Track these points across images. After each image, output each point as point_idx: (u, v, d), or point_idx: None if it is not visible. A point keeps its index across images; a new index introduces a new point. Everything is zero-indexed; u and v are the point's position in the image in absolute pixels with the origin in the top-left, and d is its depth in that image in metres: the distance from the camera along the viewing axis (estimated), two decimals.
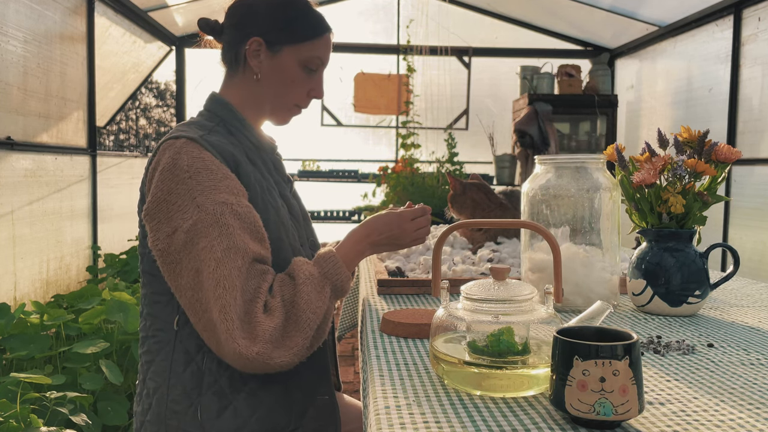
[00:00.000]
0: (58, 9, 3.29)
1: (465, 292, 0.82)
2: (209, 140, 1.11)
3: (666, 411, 0.73)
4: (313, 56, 1.23)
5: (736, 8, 3.43)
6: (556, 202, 1.22)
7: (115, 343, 2.30)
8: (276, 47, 1.21)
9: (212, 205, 1.02)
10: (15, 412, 1.67)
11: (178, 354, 1.11)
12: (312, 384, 1.18)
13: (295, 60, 1.22)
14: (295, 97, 1.26)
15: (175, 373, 1.11)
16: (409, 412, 0.73)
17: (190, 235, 1.02)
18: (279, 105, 1.26)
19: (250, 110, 1.25)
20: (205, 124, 1.19)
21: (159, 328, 1.14)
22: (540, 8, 4.94)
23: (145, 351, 1.17)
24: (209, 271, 1.00)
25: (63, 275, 3.37)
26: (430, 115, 5.22)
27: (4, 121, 2.81)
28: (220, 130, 1.19)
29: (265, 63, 1.22)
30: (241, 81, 1.24)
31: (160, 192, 1.05)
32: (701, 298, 1.18)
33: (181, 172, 1.05)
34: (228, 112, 1.23)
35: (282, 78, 1.23)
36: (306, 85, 1.25)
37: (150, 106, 17.83)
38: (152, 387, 1.13)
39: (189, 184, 1.04)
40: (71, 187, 3.47)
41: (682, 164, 1.18)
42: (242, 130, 1.22)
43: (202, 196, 1.03)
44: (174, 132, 1.13)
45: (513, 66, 5.11)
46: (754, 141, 3.30)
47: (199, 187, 1.04)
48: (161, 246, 1.04)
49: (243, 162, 1.14)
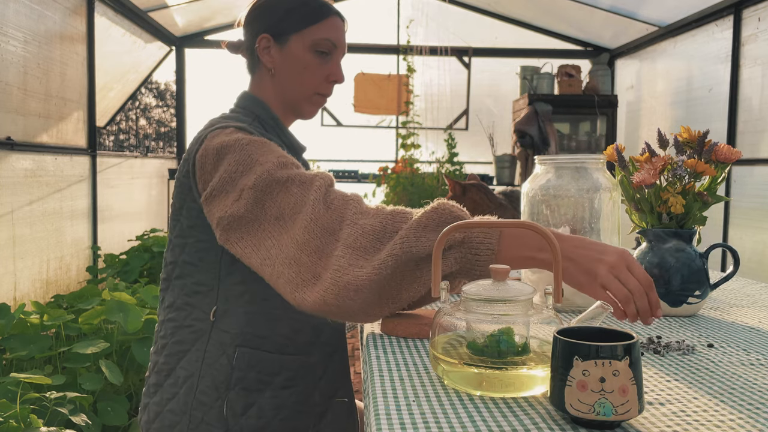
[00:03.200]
0: (58, 9, 3.29)
1: (465, 292, 0.82)
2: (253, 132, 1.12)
3: (666, 411, 0.73)
4: (321, 39, 1.23)
5: (736, 8, 3.43)
6: (556, 202, 1.22)
7: (114, 344, 2.30)
8: (283, 38, 1.22)
9: (273, 158, 1.02)
10: (15, 412, 1.67)
11: (213, 345, 1.11)
12: (332, 386, 1.19)
13: (304, 46, 1.22)
14: (313, 84, 1.24)
15: (207, 364, 1.11)
16: (409, 412, 0.73)
17: (257, 190, 0.99)
18: (298, 96, 1.25)
19: (277, 110, 1.26)
20: (243, 119, 1.20)
21: (196, 318, 1.14)
22: (540, 8, 4.95)
23: (178, 341, 1.15)
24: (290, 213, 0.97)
25: (63, 275, 3.37)
26: (430, 115, 5.22)
27: (4, 121, 2.81)
28: (257, 126, 1.20)
29: (276, 57, 1.23)
30: (262, 81, 1.25)
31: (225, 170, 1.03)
32: (701, 299, 1.18)
33: (237, 144, 1.04)
34: (262, 109, 1.23)
35: (294, 67, 1.22)
36: (322, 70, 1.24)
37: (150, 106, 17.84)
38: (183, 375, 1.13)
39: (248, 150, 1.03)
40: (71, 187, 3.47)
41: (682, 164, 1.18)
42: (276, 129, 1.24)
43: (262, 156, 1.03)
44: (218, 123, 1.13)
45: (513, 66, 5.11)
46: (754, 141, 3.30)
47: (258, 150, 1.03)
48: (231, 211, 1.01)
49: None
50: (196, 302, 1.14)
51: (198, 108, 5.26)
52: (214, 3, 4.61)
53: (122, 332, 2.35)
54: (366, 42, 5.19)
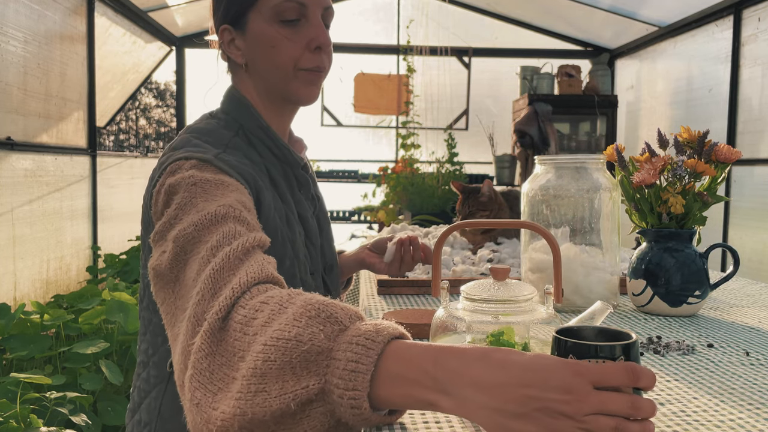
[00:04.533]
0: (58, 9, 3.29)
1: (465, 293, 0.82)
2: (226, 160, 0.94)
3: (666, 411, 0.73)
4: (279, 3, 1.01)
5: (736, 8, 3.43)
6: (556, 202, 1.22)
7: (115, 343, 2.30)
8: (241, 22, 1.03)
9: (214, 207, 0.82)
10: (15, 412, 1.67)
11: (168, 399, 0.98)
12: None
13: (265, 20, 1.02)
14: (289, 60, 1.03)
15: (162, 419, 0.97)
16: (409, 412, 0.73)
17: (179, 243, 0.80)
18: (278, 79, 1.05)
19: (265, 106, 1.09)
20: (221, 136, 1.01)
21: (156, 363, 1.00)
22: (540, 8, 4.95)
23: (144, 379, 1.01)
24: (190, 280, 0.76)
25: (63, 275, 3.37)
26: (430, 116, 5.22)
27: (4, 121, 2.81)
28: (238, 143, 1.02)
29: (242, 46, 1.05)
30: (241, 79, 1.09)
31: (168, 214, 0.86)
32: (701, 299, 1.18)
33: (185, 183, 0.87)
34: (248, 115, 1.06)
35: (264, 47, 1.03)
36: (296, 39, 1.02)
37: (150, 106, 17.83)
38: (144, 421, 1.01)
39: (192, 192, 0.85)
40: (71, 187, 3.47)
41: (682, 164, 1.18)
42: (264, 140, 1.06)
43: (205, 202, 0.84)
44: (184, 149, 0.94)
45: (513, 66, 5.11)
46: (754, 141, 3.30)
47: (204, 194, 0.85)
48: (154, 263, 0.82)
49: (264, 187, 0.98)
50: (158, 345, 0.99)
51: (197, 109, 5.26)
52: None
53: (122, 332, 2.35)
54: (366, 42, 5.19)
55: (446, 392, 0.54)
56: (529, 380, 0.51)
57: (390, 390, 0.56)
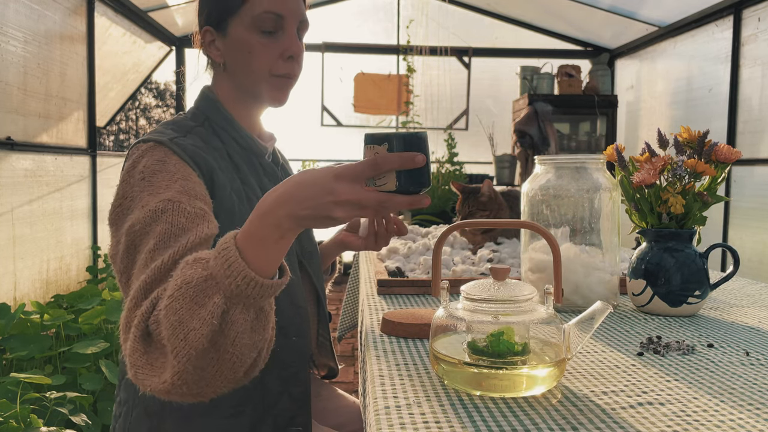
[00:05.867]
0: (58, 9, 3.29)
1: (465, 292, 0.82)
2: (181, 143, 1.02)
3: (666, 411, 0.73)
4: (259, 15, 1.09)
5: (736, 8, 3.43)
6: (556, 202, 1.22)
7: (115, 343, 2.30)
8: (222, 26, 1.12)
9: (155, 203, 0.89)
10: (15, 412, 1.67)
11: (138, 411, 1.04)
12: (288, 413, 1.09)
13: (245, 28, 1.10)
14: (263, 67, 1.11)
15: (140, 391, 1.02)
16: (409, 412, 0.73)
17: (129, 238, 0.89)
18: (251, 83, 1.13)
19: (236, 103, 1.16)
20: (185, 125, 1.10)
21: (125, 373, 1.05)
22: (540, 8, 4.95)
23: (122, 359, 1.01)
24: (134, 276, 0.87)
25: (63, 275, 3.37)
26: (430, 116, 5.22)
27: (4, 121, 2.81)
28: (201, 131, 1.10)
29: (222, 48, 1.14)
30: (218, 77, 1.18)
31: (117, 198, 0.96)
32: (701, 298, 1.18)
33: (137, 174, 0.95)
34: (215, 110, 1.15)
35: (241, 53, 1.11)
36: (271, 49, 1.11)
37: (150, 106, 17.83)
38: (123, 398, 1.09)
39: (141, 186, 0.93)
40: (71, 187, 3.47)
41: (682, 164, 1.18)
42: (229, 130, 1.14)
43: (149, 196, 0.91)
44: (147, 134, 1.05)
45: (513, 66, 5.11)
46: (754, 141, 3.30)
47: (150, 188, 0.92)
48: (111, 253, 0.94)
49: (219, 168, 1.05)
50: None
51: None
52: None
53: None
54: (366, 42, 5.19)
55: (281, 226, 0.75)
56: (307, 194, 0.75)
57: (257, 254, 0.74)
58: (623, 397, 0.77)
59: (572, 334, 0.79)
